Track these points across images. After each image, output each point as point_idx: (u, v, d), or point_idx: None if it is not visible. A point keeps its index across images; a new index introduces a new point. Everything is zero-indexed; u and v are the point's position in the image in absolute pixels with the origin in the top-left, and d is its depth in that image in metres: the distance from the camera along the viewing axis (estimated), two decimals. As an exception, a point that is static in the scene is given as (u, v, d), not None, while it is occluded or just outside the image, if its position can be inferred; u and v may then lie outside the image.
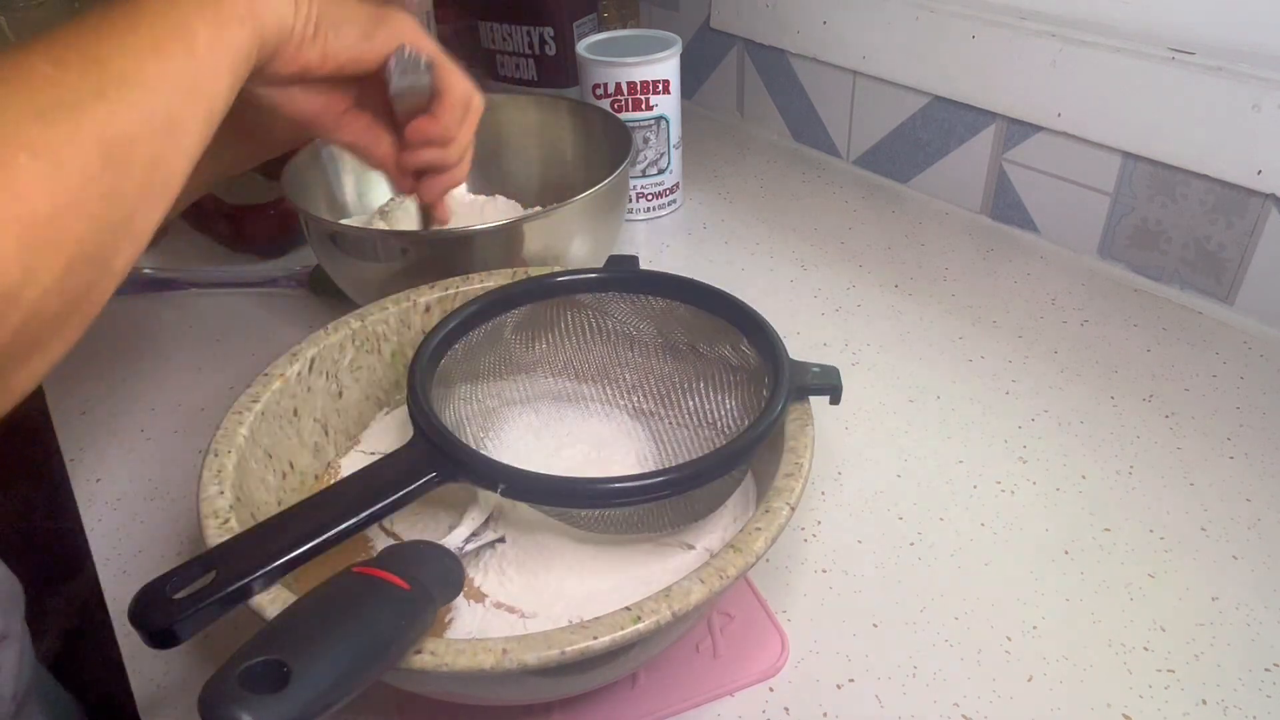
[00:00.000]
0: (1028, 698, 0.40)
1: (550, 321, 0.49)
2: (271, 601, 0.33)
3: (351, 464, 0.49)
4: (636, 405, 0.49)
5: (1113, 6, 0.64)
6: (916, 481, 0.52)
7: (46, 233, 0.28)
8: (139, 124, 0.32)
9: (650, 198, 0.80)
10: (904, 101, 0.79)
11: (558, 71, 0.97)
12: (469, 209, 0.68)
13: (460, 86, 0.49)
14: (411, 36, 0.45)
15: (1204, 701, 0.40)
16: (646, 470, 0.43)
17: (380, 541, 0.44)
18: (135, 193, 0.32)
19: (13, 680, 0.53)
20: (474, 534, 0.41)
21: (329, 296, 0.70)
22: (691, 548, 0.42)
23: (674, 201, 0.82)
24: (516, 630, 0.38)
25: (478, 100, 0.51)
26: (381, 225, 0.64)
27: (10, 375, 0.30)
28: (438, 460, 0.38)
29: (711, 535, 0.42)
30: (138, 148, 0.32)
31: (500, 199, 0.70)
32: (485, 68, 1.02)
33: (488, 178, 0.72)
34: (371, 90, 0.48)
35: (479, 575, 0.41)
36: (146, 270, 0.74)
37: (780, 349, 0.42)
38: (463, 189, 0.69)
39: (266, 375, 0.45)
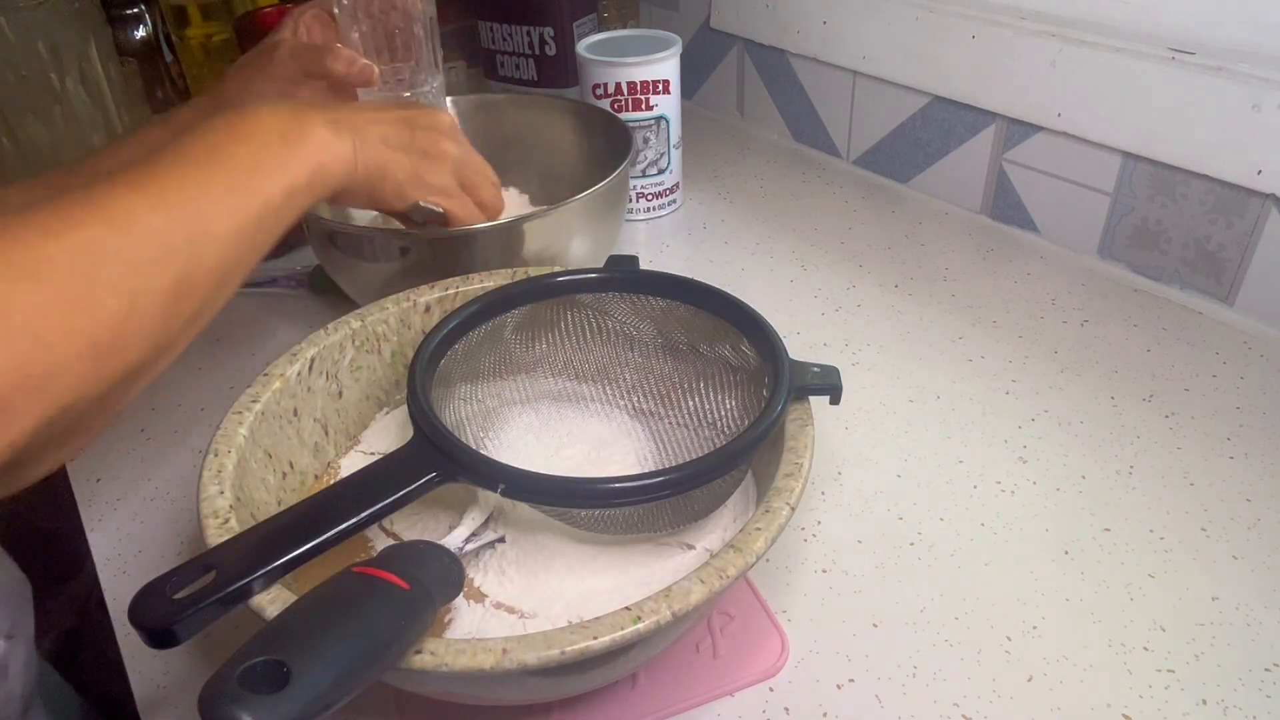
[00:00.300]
0: (1028, 698, 0.40)
1: (550, 321, 0.49)
2: (271, 601, 0.33)
3: (351, 464, 0.49)
4: (636, 405, 0.49)
5: (1113, 6, 0.64)
6: (916, 481, 0.52)
7: (107, 354, 0.32)
8: (205, 277, 0.36)
9: (650, 198, 0.80)
10: (904, 101, 0.79)
11: (558, 71, 0.97)
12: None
13: (465, 223, 0.54)
14: (433, 194, 0.51)
15: (1204, 701, 0.40)
16: (646, 470, 0.43)
17: (380, 542, 0.44)
18: (180, 330, 0.35)
19: (21, 680, 0.53)
20: (474, 534, 0.41)
21: (329, 296, 0.70)
22: (691, 548, 0.42)
23: (674, 201, 0.82)
24: (516, 631, 0.38)
25: (497, 209, 0.56)
26: (381, 225, 0.64)
27: (34, 467, 0.33)
28: (438, 460, 0.38)
29: (711, 535, 0.42)
30: (196, 296, 0.35)
31: (513, 191, 0.70)
32: (485, 68, 1.02)
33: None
34: None
35: (479, 575, 0.41)
36: (146, 270, 0.74)
37: (780, 349, 0.42)
38: None
39: (266, 375, 0.45)
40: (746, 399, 0.44)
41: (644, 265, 0.49)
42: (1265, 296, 0.61)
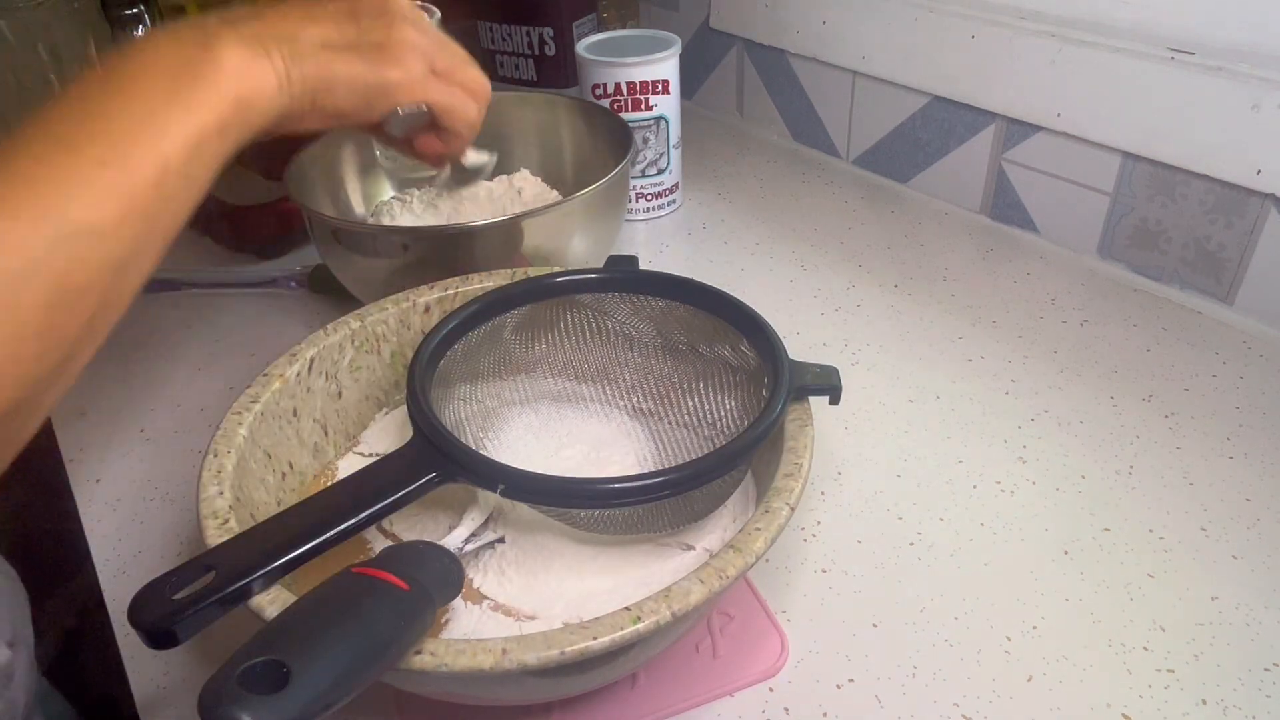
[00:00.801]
0: (1027, 698, 0.40)
1: (550, 322, 0.49)
2: (271, 602, 0.33)
3: (351, 464, 0.49)
4: (636, 406, 0.49)
5: (1113, 6, 0.64)
6: (916, 481, 0.52)
7: None
8: (92, 276, 0.30)
9: (650, 198, 0.80)
10: (903, 101, 0.79)
11: (557, 71, 0.97)
12: (501, 198, 0.68)
13: (463, 120, 0.46)
14: (407, 91, 0.43)
15: (1204, 701, 0.40)
16: (646, 471, 0.43)
17: (379, 542, 0.44)
18: (74, 341, 0.31)
19: (25, 688, 0.53)
20: (473, 534, 0.41)
21: (329, 296, 0.70)
22: (691, 548, 0.42)
23: (674, 201, 0.82)
24: (513, 632, 0.38)
25: (486, 93, 0.49)
26: (384, 221, 0.64)
27: None
28: (437, 460, 0.38)
29: (711, 535, 0.42)
30: (84, 301, 0.30)
31: (524, 172, 0.70)
32: (485, 68, 1.02)
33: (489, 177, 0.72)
34: None
35: (478, 575, 0.41)
36: (146, 270, 0.74)
37: (780, 349, 0.42)
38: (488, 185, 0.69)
39: (266, 375, 0.45)
40: (746, 399, 0.44)
41: (644, 265, 0.49)
42: (1265, 296, 0.61)
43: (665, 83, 0.75)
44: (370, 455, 0.49)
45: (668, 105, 0.76)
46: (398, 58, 0.41)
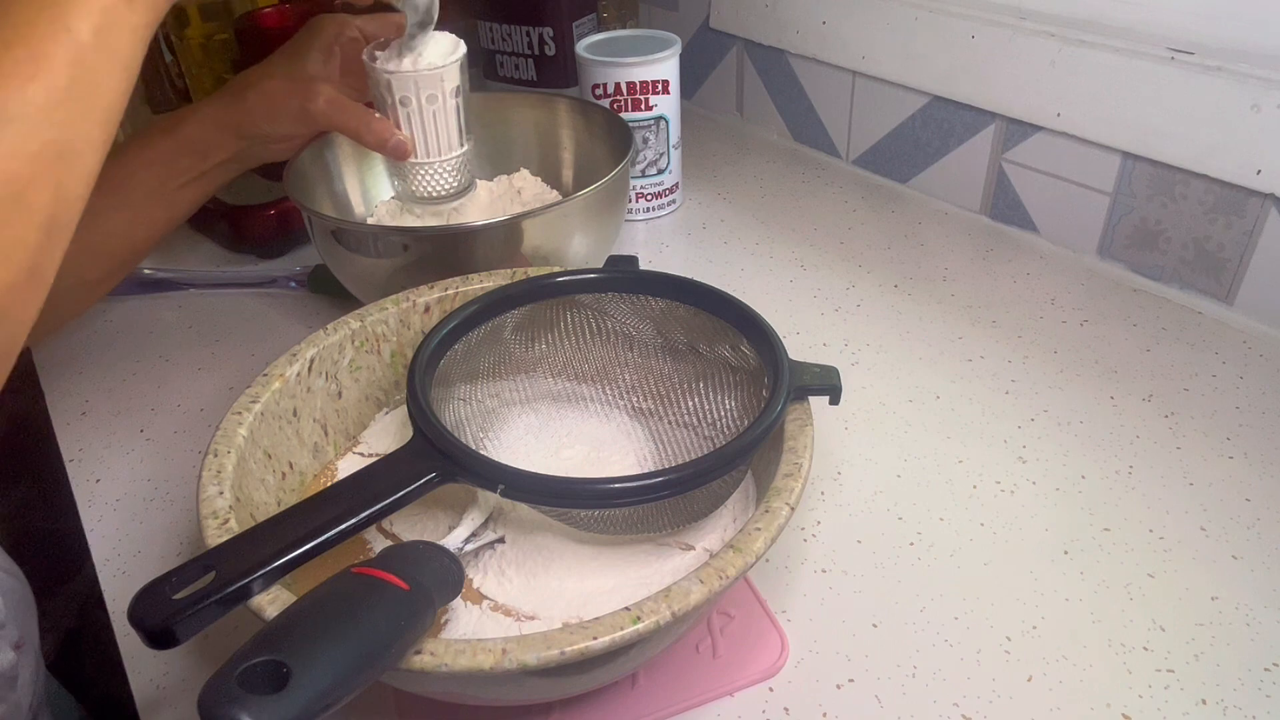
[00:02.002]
0: (1027, 698, 0.40)
1: (550, 322, 0.49)
2: (271, 602, 0.33)
3: (350, 464, 0.49)
4: (636, 406, 0.49)
5: (1113, 6, 0.64)
6: (916, 481, 0.52)
7: None
8: (33, 160, 0.30)
9: (650, 198, 0.80)
10: (903, 101, 0.79)
11: (557, 72, 0.97)
12: (501, 198, 0.68)
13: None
14: None
15: (1204, 701, 0.40)
16: (646, 471, 0.43)
17: (379, 542, 0.44)
18: (35, 245, 0.31)
19: (30, 690, 0.53)
20: (473, 534, 0.41)
21: (329, 296, 0.70)
22: (691, 548, 0.42)
23: (673, 202, 0.82)
24: (513, 632, 0.38)
25: None
26: (384, 221, 0.64)
27: None
28: (437, 461, 0.38)
29: (711, 535, 0.42)
30: (36, 199, 0.30)
31: (524, 172, 0.70)
32: (485, 68, 1.02)
33: (490, 176, 0.72)
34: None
35: (478, 576, 0.41)
36: (146, 270, 0.74)
37: (780, 349, 0.42)
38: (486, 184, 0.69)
39: (266, 375, 0.45)
40: (746, 399, 0.44)
41: (644, 265, 0.49)
42: (1265, 296, 0.61)
43: (665, 83, 0.75)
44: (370, 455, 0.49)
45: (668, 105, 0.76)
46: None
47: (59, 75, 0.31)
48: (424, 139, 0.56)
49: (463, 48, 0.55)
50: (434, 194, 0.58)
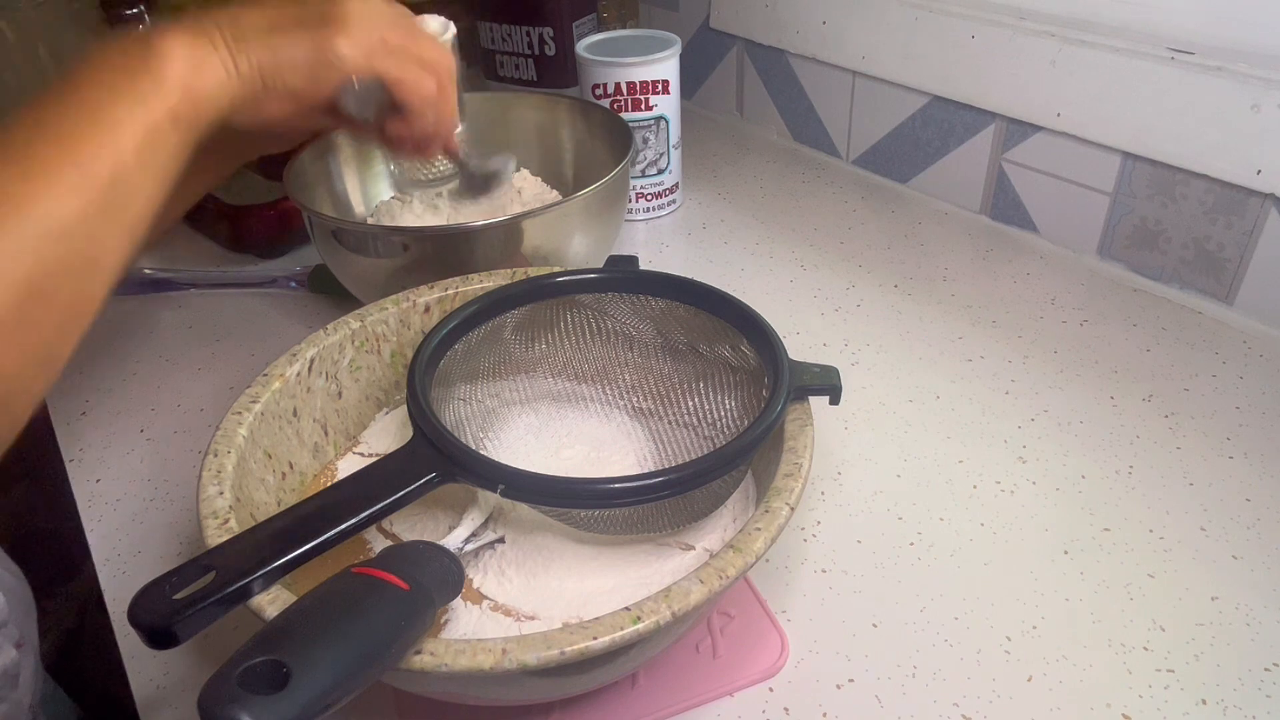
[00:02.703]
0: (1027, 698, 0.40)
1: (550, 322, 0.49)
2: (271, 602, 0.33)
3: (350, 464, 0.49)
4: (636, 406, 0.49)
5: (1113, 6, 0.64)
6: (916, 481, 0.52)
7: None
8: (61, 273, 0.31)
9: (650, 198, 0.80)
10: (903, 101, 0.79)
11: (557, 72, 0.97)
12: (501, 198, 0.68)
13: (418, 95, 0.44)
14: (354, 62, 0.41)
15: (1204, 701, 0.40)
16: (646, 471, 0.43)
17: (378, 542, 0.44)
18: (49, 339, 0.32)
19: (30, 689, 0.53)
20: (473, 534, 0.41)
21: (329, 296, 0.70)
22: (691, 548, 0.42)
23: (674, 201, 0.82)
24: (513, 632, 0.38)
25: (446, 69, 0.46)
26: (384, 221, 0.64)
27: None
28: (437, 461, 0.38)
29: (711, 535, 0.42)
30: (56, 297, 0.31)
31: (525, 172, 0.70)
32: (485, 68, 1.02)
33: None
34: None
35: (478, 576, 0.41)
36: (146, 270, 0.74)
37: (780, 349, 0.42)
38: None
39: (266, 375, 0.45)
40: (746, 399, 0.44)
41: (644, 265, 0.49)
42: (1265, 296, 0.61)
43: (665, 83, 0.75)
44: (370, 455, 0.49)
45: (668, 105, 0.76)
46: (344, 29, 0.41)
47: (98, 191, 0.32)
48: None
49: (452, 29, 0.54)
50: (427, 177, 0.57)
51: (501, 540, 0.42)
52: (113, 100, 0.34)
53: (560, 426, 0.48)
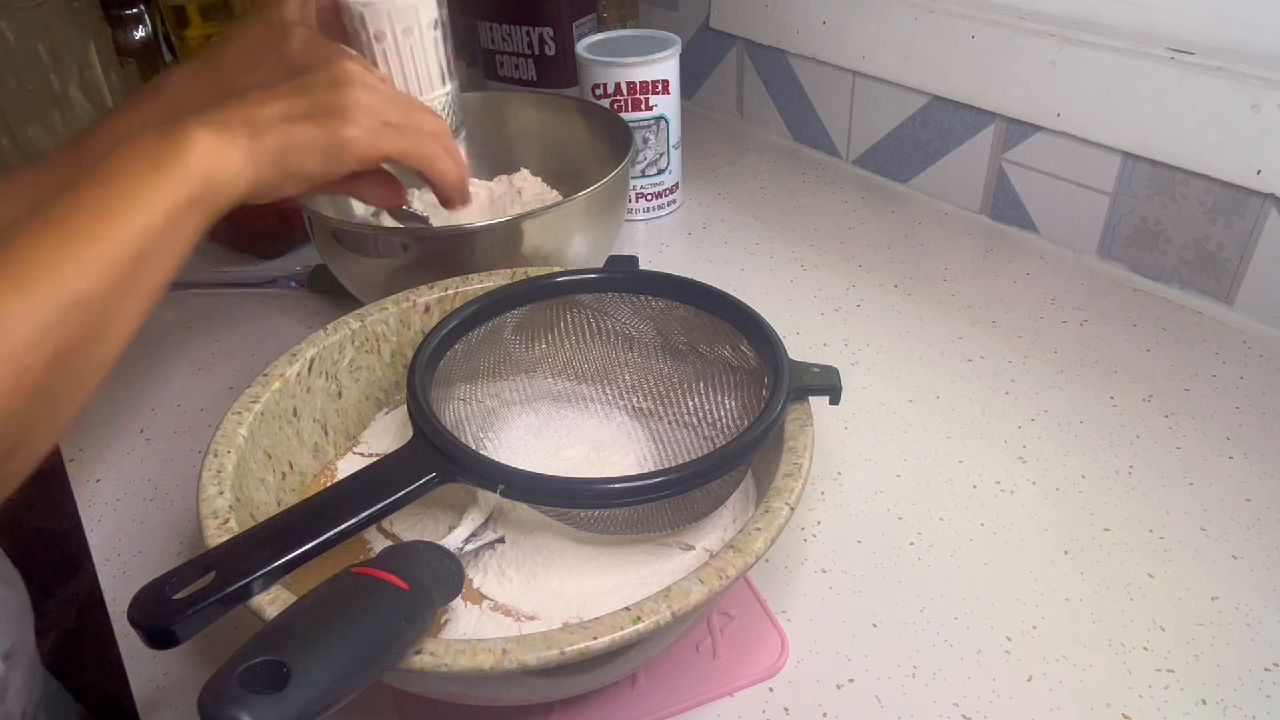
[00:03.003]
0: (1027, 698, 0.40)
1: (550, 322, 0.49)
2: (271, 602, 0.33)
3: (351, 464, 0.49)
4: (636, 406, 0.49)
5: (1113, 6, 0.64)
6: (916, 481, 0.52)
7: None
8: (88, 339, 0.34)
9: (650, 198, 0.80)
10: (903, 101, 0.79)
11: (557, 72, 0.97)
12: (501, 198, 0.68)
13: (423, 160, 0.48)
14: (362, 146, 0.44)
15: (1204, 701, 0.40)
16: (646, 471, 0.43)
17: (378, 542, 0.44)
18: (68, 397, 0.35)
19: (22, 699, 0.53)
20: (473, 534, 0.41)
21: (329, 296, 0.70)
22: (691, 548, 0.42)
23: (673, 202, 0.82)
24: (513, 632, 0.38)
25: (443, 131, 0.50)
26: (384, 221, 0.64)
27: None
28: (437, 461, 0.38)
29: (711, 535, 0.42)
30: (80, 359, 0.34)
31: (525, 172, 0.70)
32: (485, 68, 1.02)
33: (490, 176, 0.72)
34: None
35: (478, 576, 0.41)
36: (146, 270, 0.74)
37: (780, 349, 0.42)
38: (485, 186, 0.69)
39: (266, 375, 0.45)
40: (746, 399, 0.44)
41: (644, 265, 0.49)
42: (1265, 296, 0.61)
43: (665, 83, 0.75)
44: (370, 455, 0.49)
45: (668, 105, 0.76)
46: (350, 118, 0.44)
47: (118, 270, 0.35)
48: (402, 77, 0.53)
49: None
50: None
51: (501, 540, 0.42)
52: (143, 184, 0.37)
53: (560, 426, 0.48)
